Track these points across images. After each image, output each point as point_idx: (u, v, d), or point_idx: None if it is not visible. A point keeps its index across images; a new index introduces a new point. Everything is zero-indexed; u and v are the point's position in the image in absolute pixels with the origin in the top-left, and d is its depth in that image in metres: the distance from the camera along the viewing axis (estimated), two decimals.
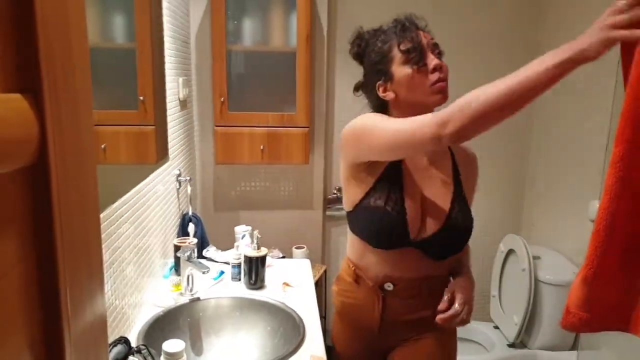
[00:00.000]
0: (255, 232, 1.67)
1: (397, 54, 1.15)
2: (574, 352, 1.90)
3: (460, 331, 2.31)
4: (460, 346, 2.18)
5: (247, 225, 2.02)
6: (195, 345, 1.49)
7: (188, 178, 1.98)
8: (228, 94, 2.15)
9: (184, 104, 2.04)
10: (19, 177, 0.44)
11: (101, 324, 0.52)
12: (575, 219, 2.08)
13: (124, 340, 1.05)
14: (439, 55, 1.15)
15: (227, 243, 2.03)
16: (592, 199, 1.94)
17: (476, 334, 2.32)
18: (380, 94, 1.19)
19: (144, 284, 1.49)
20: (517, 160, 2.48)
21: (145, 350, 1.04)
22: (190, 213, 1.94)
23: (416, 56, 1.12)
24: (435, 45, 1.16)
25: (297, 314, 1.48)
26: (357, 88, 1.30)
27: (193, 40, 2.25)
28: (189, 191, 1.94)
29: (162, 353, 1.13)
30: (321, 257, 2.45)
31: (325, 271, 2.37)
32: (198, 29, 2.25)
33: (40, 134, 0.46)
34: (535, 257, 2.06)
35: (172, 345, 1.14)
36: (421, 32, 1.15)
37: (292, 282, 1.71)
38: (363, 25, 1.25)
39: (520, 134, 2.45)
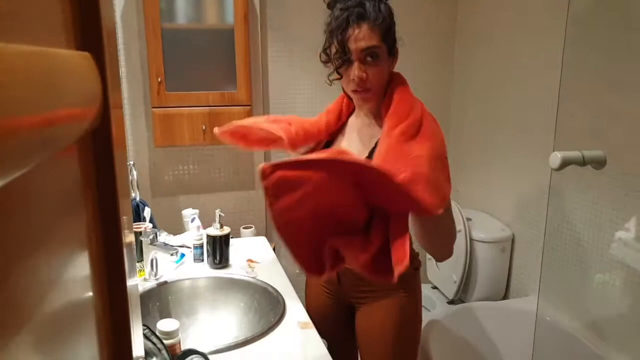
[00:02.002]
0: (218, 211, 1.65)
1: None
2: (530, 297, 2.11)
3: None
4: None
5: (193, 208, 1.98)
6: None
7: (132, 162, 1.88)
8: (165, 74, 2.06)
9: None
10: (84, 142, 0.42)
11: None
12: (496, 180, 2.30)
13: None
14: (372, 57, 1.10)
15: (172, 229, 1.97)
16: (506, 159, 2.16)
17: None
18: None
19: None
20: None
21: (147, 331, 1.01)
22: (137, 199, 1.85)
23: (339, 63, 1.11)
24: (367, 50, 1.09)
25: (271, 286, 1.50)
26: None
27: (118, 20, 2.12)
28: (134, 175, 1.85)
29: (157, 333, 1.10)
30: (265, 235, 2.46)
31: (274, 248, 2.38)
32: (123, 8, 2.12)
33: (103, 95, 0.45)
34: (467, 219, 2.25)
35: (166, 324, 1.11)
36: (359, 32, 1.08)
37: (256, 258, 1.71)
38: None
39: (441, 109, 2.63)
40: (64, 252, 0.35)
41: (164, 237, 1.85)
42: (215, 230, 1.63)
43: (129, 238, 0.52)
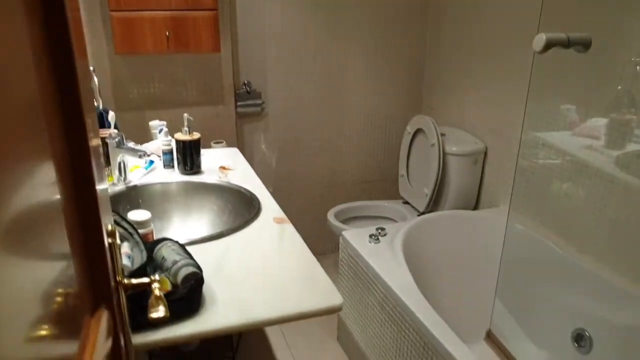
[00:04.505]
0: (186, 115, 1.57)
1: None
2: (500, 208, 2.15)
3: (372, 210, 2.51)
4: (373, 222, 2.36)
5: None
6: None
7: (92, 68, 1.76)
8: None
9: None
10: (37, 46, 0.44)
11: None
12: (472, 96, 2.28)
13: None
14: None
15: (140, 141, 1.89)
16: (483, 74, 2.14)
17: (386, 210, 2.51)
18: None
19: None
20: (414, 50, 2.60)
21: (117, 217, 0.96)
22: (100, 106, 1.75)
23: None
24: None
25: (245, 188, 1.46)
26: None
27: None
28: (96, 82, 1.74)
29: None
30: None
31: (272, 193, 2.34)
32: None
33: None
34: (441, 134, 2.24)
35: (138, 214, 1.07)
36: None
37: (230, 166, 1.67)
38: None
39: (415, 27, 2.56)
40: (26, 161, 0.38)
41: (132, 145, 1.77)
42: (184, 135, 1.57)
43: (94, 142, 0.56)
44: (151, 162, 1.62)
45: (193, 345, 1.77)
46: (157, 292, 0.70)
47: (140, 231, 1.06)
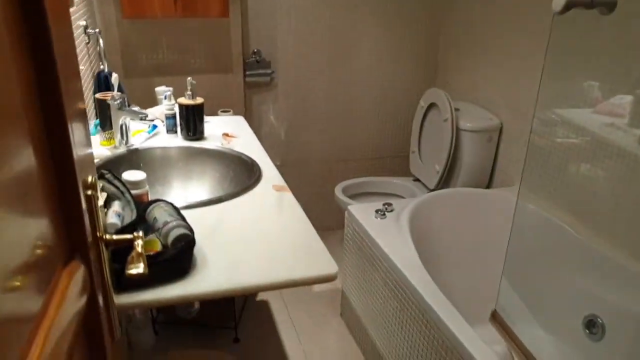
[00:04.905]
0: (189, 79, 1.52)
1: None
2: (514, 187, 2.09)
3: (381, 186, 2.46)
4: (381, 199, 2.31)
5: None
6: None
7: (97, 30, 1.72)
8: None
9: None
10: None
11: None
12: (488, 70, 2.20)
13: None
14: None
15: (146, 107, 1.85)
16: (500, 47, 2.05)
17: (396, 187, 2.46)
18: None
19: None
20: (430, 22, 2.51)
21: (109, 175, 0.93)
22: (105, 70, 1.72)
23: None
24: None
25: (247, 156, 1.42)
26: None
27: None
28: (101, 45, 1.70)
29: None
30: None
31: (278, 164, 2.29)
32: None
33: None
34: (455, 109, 2.17)
35: (132, 174, 1.04)
36: None
37: (234, 133, 1.62)
38: None
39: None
40: None
41: (137, 110, 1.74)
42: (187, 100, 1.52)
43: (75, 104, 0.56)
44: (154, 126, 1.58)
45: (193, 312, 1.76)
46: (138, 249, 0.66)
47: (134, 192, 1.02)
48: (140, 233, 0.68)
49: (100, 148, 1.40)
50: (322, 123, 2.54)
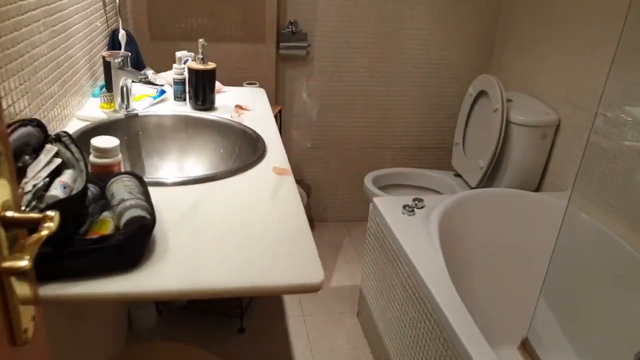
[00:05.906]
0: (201, 41, 1.37)
1: None
2: (567, 193, 1.83)
3: (416, 179, 2.24)
4: (415, 193, 2.09)
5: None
6: (136, 166, 1.25)
7: None
8: None
9: None
10: None
11: None
12: (547, 58, 1.92)
13: (37, 123, 0.78)
14: None
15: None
16: (564, 31, 1.77)
17: (433, 181, 2.23)
18: None
19: (68, 101, 1.19)
20: (489, 1, 2.24)
21: (66, 138, 0.79)
22: (121, 29, 1.59)
23: None
24: None
25: (253, 130, 1.26)
26: None
27: None
28: (117, 0, 1.57)
29: (91, 150, 0.89)
30: (275, 97, 2.20)
31: (280, 111, 2.13)
32: None
33: None
34: (507, 100, 1.91)
35: (103, 140, 0.89)
36: None
37: (248, 106, 1.46)
38: None
39: None
40: None
41: (149, 74, 1.61)
42: (197, 64, 1.37)
43: None
44: (162, 91, 1.45)
45: (182, 300, 1.63)
46: (41, 233, 0.51)
47: (102, 161, 0.88)
48: (53, 213, 0.53)
49: (96, 110, 1.27)
50: (359, 105, 2.34)
